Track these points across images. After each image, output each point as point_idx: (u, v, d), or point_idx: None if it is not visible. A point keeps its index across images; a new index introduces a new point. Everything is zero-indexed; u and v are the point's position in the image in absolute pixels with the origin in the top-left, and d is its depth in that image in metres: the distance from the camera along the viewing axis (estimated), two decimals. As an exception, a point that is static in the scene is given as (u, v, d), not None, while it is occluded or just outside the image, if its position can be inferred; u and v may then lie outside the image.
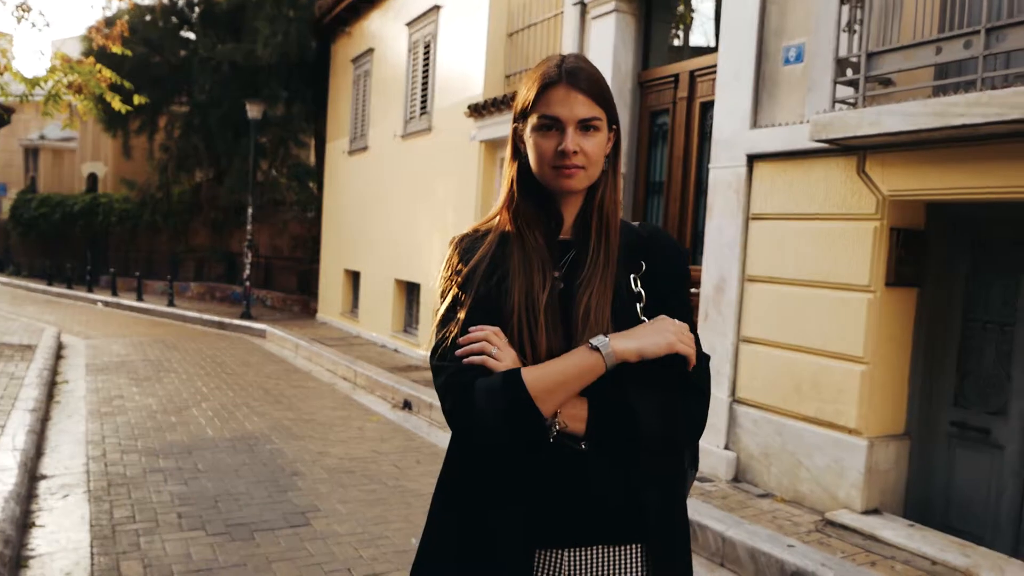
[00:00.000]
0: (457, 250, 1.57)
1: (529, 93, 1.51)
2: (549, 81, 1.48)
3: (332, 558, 4.01)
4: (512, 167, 1.58)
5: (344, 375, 9.43)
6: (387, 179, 11.57)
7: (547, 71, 1.50)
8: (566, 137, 1.46)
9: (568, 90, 1.47)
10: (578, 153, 1.46)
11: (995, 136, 3.72)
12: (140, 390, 8.09)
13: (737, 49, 5.23)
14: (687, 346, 1.44)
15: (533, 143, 1.50)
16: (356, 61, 13.02)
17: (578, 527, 1.47)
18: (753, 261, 5.14)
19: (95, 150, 27.40)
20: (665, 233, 1.67)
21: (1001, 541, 4.18)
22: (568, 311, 1.47)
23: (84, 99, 10.03)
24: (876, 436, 4.50)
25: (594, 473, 1.46)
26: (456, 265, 1.54)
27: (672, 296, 1.55)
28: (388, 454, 6.08)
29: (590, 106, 1.47)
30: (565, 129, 1.46)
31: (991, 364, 4.34)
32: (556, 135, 1.47)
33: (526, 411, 1.38)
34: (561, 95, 1.47)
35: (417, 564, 1.59)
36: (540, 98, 1.49)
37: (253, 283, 15.85)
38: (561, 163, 1.47)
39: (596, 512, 1.47)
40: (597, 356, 1.39)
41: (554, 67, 1.50)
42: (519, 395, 1.38)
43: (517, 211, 1.54)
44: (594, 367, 1.40)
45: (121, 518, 4.41)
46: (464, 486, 1.53)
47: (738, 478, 5.14)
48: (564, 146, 1.45)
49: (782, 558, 3.88)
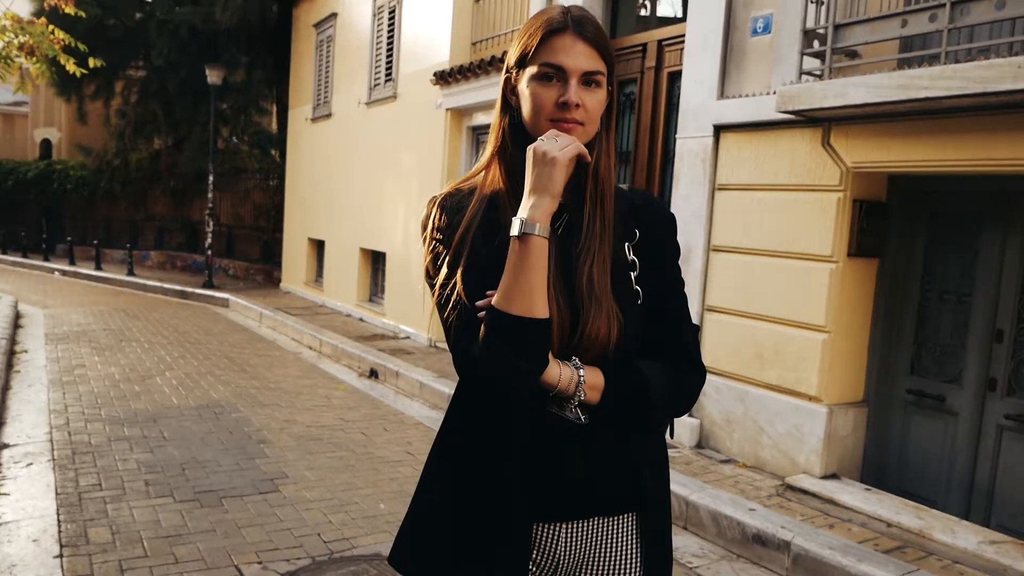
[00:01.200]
0: (443, 210, 1.47)
1: (531, 40, 1.41)
2: (555, 28, 1.39)
3: (302, 523, 4.04)
4: (502, 120, 1.49)
5: (309, 344, 9.39)
6: (352, 147, 11.46)
7: (552, 17, 1.40)
8: (569, 88, 1.37)
9: (575, 39, 1.38)
10: (580, 107, 1.38)
11: (957, 109, 3.80)
12: (102, 359, 7.99)
13: (705, 19, 5.25)
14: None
15: (531, 93, 1.41)
16: (319, 26, 12.81)
17: (576, 501, 1.46)
18: (719, 231, 5.20)
19: (48, 115, 26.67)
20: (658, 200, 1.63)
21: (953, 504, 4.33)
22: (568, 280, 1.40)
23: (36, 61, 9.74)
24: (835, 403, 4.62)
25: (596, 447, 1.44)
26: (442, 223, 1.46)
27: (668, 267, 1.52)
28: (355, 422, 6.10)
29: (595, 59, 1.39)
30: (568, 80, 1.38)
31: (947, 333, 4.46)
32: (557, 86, 1.39)
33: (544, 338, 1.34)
34: (567, 43, 1.38)
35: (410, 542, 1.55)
36: (543, 45, 1.39)
37: (215, 252, 15.63)
38: (561, 115, 1.39)
39: (595, 486, 1.46)
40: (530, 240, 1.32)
41: (560, 14, 1.40)
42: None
43: (512, 167, 1.45)
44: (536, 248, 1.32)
45: (87, 486, 4.38)
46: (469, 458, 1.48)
47: (701, 444, 5.25)
48: (567, 97, 1.37)
49: (743, 521, 3.98)
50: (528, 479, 1.42)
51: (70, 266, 18.10)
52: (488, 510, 1.43)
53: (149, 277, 16.09)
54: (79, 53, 9.69)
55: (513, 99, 1.47)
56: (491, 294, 1.35)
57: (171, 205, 20.00)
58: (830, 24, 4.22)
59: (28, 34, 9.42)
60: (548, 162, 1.32)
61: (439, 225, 1.46)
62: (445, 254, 1.43)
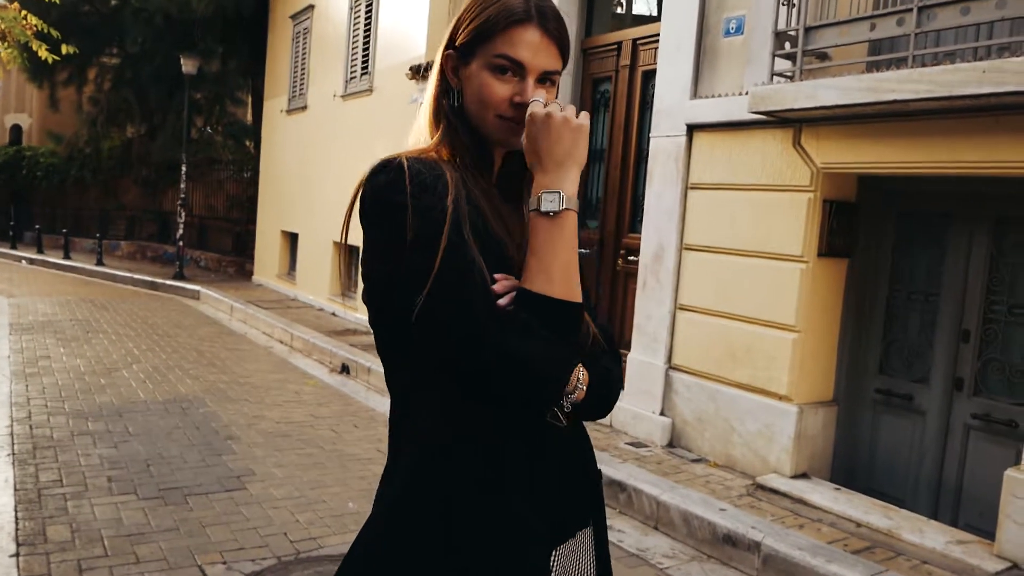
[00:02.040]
0: (418, 176, 1.21)
1: (486, 24, 1.27)
2: (516, 17, 1.26)
3: (268, 522, 3.99)
4: (443, 101, 1.35)
5: (280, 338, 9.32)
6: (327, 140, 11.36)
7: (515, 4, 1.27)
8: (526, 87, 1.27)
9: (540, 34, 1.27)
10: None
11: (925, 112, 3.82)
12: (68, 351, 7.87)
13: (679, 19, 5.24)
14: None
15: (482, 83, 1.28)
16: (295, 17, 12.69)
17: (571, 516, 1.34)
18: (691, 230, 5.21)
19: (19, 101, 26.33)
20: None
21: (922, 503, 4.37)
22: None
23: (8, 47, 9.60)
24: (806, 402, 4.64)
25: (570, 453, 1.33)
26: (422, 187, 1.20)
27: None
28: (325, 418, 6.05)
29: (555, 57, 1.29)
30: (525, 77, 1.27)
31: (915, 333, 4.50)
32: (513, 82, 1.27)
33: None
34: (529, 37, 1.26)
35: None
36: (501, 33, 1.26)
37: (187, 243, 15.47)
38: (514, 115, 1.27)
39: (578, 496, 1.35)
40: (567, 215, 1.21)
41: (526, 1, 1.27)
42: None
43: (462, 151, 1.32)
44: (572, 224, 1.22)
45: (47, 482, 4.31)
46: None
47: (673, 443, 5.26)
48: (524, 99, 1.26)
49: (714, 521, 3.99)
50: (538, 500, 1.26)
51: (38, 255, 17.85)
52: (505, 547, 1.22)
53: (119, 267, 15.89)
54: (52, 39, 9.55)
55: (455, 80, 1.33)
56: (501, 278, 1.20)
57: (143, 195, 19.78)
58: (801, 26, 4.23)
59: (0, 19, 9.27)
60: (575, 129, 1.22)
61: (416, 191, 1.19)
62: (431, 226, 1.16)
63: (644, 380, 5.41)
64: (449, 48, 1.33)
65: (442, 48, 1.35)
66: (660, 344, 5.33)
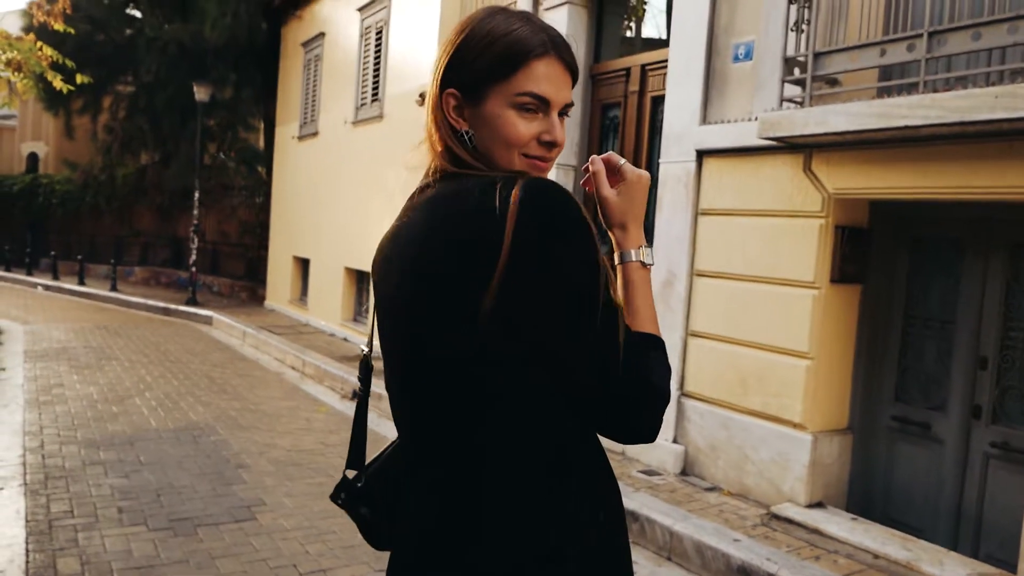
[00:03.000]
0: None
1: (502, 60, 1.19)
2: (537, 52, 1.20)
3: (278, 553, 3.96)
4: (457, 150, 1.26)
5: (292, 364, 9.31)
6: (337, 166, 11.42)
7: (529, 35, 1.20)
8: (552, 124, 1.22)
9: (560, 67, 1.22)
10: (559, 145, 1.24)
11: (936, 138, 3.79)
12: (81, 378, 7.89)
13: (687, 45, 5.25)
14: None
15: (505, 122, 1.20)
16: (307, 45, 12.81)
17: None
18: (702, 256, 5.19)
19: (36, 129, 26.62)
20: None
21: (941, 533, 4.30)
22: None
23: (24, 77, 9.71)
24: (820, 430, 4.59)
25: None
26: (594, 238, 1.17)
27: None
28: (336, 446, 6.03)
29: (571, 88, 1.25)
30: (549, 114, 1.22)
31: (931, 360, 4.45)
32: (539, 119, 1.22)
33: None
34: (552, 71, 1.21)
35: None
36: (522, 69, 1.19)
37: (200, 269, 15.55)
38: (543, 154, 1.24)
39: None
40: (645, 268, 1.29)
41: (539, 31, 1.21)
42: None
43: None
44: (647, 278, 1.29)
45: (59, 512, 4.30)
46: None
47: (686, 471, 5.20)
48: (554, 136, 1.22)
49: (728, 552, 3.93)
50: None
51: (53, 281, 17.97)
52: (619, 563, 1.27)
53: (133, 293, 15.97)
54: (66, 69, 9.66)
55: (458, 122, 1.25)
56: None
57: (157, 221, 19.93)
58: (810, 52, 4.22)
59: (16, 50, 9.39)
60: (644, 187, 1.30)
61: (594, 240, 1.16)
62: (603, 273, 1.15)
63: (656, 407, 5.35)
64: (448, 87, 1.24)
65: (435, 87, 1.26)
66: (672, 371, 5.28)
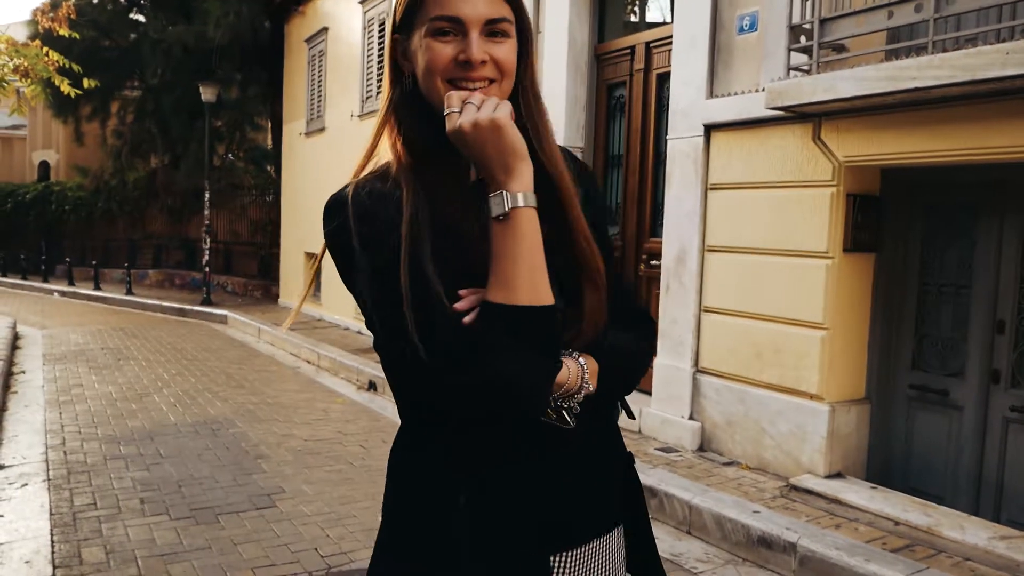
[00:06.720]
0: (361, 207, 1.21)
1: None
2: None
3: (299, 538, 3.98)
4: (392, 92, 1.26)
5: (308, 358, 9.35)
6: (345, 160, 11.31)
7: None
8: (470, 43, 1.16)
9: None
10: (486, 63, 1.17)
11: (947, 99, 3.75)
12: (99, 378, 7.95)
13: (691, 19, 5.22)
14: None
15: (425, 50, 1.18)
16: (310, 41, 12.82)
17: (581, 522, 1.27)
18: (713, 231, 5.16)
19: (46, 137, 26.78)
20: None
21: (961, 499, 4.27)
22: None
23: (32, 84, 9.75)
24: (837, 401, 4.56)
25: (583, 453, 1.25)
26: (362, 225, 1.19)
27: (603, 227, 1.34)
28: (354, 434, 6.05)
29: (498, 3, 1.18)
30: (468, 33, 1.17)
31: (948, 327, 4.41)
32: (455, 41, 1.17)
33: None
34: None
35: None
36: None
37: (213, 269, 15.61)
38: (463, 75, 1.17)
39: (591, 501, 1.28)
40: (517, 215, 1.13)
41: None
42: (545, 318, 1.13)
43: (418, 145, 1.23)
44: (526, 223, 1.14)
45: (82, 505, 4.34)
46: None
47: (703, 447, 5.19)
48: (468, 54, 1.16)
49: (748, 523, 3.93)
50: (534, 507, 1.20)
51: (69, 287, 18.09)
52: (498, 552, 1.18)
53: (147, 296, 16.06)
54: (74, 74, 9.71)
55: (406, 64, 1.24)
56: (465, 294, 1.14)
57: (169, 223, 20.02)
58: (816, 19, 4.18)
59: (23, 57, 9.43)
60: (492, 129, 1.12)
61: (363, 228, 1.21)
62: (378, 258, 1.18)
63: (671, 384, 5.35)
64: (395, 32, 1.25)
65: (388, 36, 1.26)
66: (686, 348, 5.28)
